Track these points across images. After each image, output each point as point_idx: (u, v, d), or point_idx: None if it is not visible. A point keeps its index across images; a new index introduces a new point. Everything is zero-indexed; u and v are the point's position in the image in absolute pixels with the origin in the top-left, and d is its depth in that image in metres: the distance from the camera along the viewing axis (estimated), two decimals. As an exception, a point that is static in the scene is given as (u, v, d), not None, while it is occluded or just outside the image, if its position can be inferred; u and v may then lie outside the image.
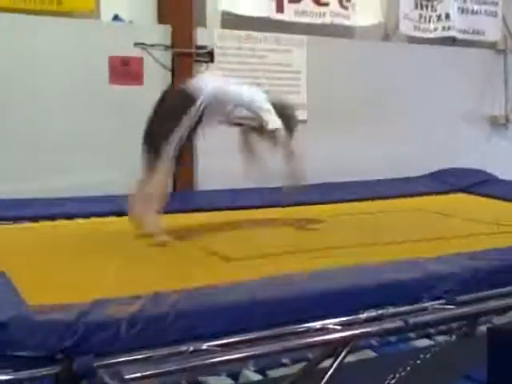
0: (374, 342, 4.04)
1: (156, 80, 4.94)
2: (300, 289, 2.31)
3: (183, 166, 4.99)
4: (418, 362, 2.41)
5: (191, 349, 1.96)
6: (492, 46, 6.53)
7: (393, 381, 2.42)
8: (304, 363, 3.59)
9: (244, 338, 2.05)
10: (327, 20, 5.62)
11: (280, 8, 5.40)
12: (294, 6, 5.46)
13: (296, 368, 3.54)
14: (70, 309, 2.06)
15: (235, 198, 4.59)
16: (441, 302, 2.39)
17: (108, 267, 2.85)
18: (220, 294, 2.28)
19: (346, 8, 5.70)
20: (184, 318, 2.09)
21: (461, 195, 5.41)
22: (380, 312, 2.27)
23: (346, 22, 5.71)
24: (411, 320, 2.19)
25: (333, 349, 2.30)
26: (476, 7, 6.39)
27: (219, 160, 5.05)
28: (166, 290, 2.26)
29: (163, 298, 2.19)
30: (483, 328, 3.91)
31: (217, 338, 2.03)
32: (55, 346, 1.88)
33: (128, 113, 4.80)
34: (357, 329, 2.17)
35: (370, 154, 5.64)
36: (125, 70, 4.82)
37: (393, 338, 4.11)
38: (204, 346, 1.97)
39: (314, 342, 2.11)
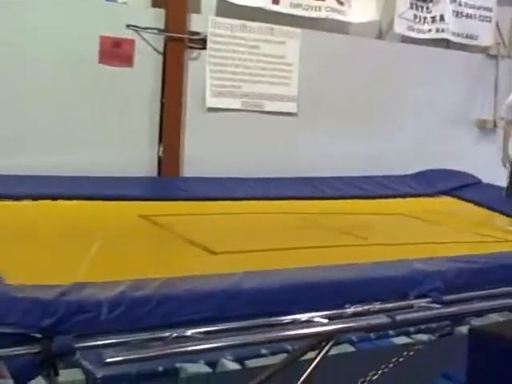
0: (353, 337, 4.04)
1: (147, 63, 4.88)
2: (287, 280, 2.27)
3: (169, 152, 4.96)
4: (401, 359, 2.39)
5: (174, 335, 1.92)
6: (484, 50, 6.54)
7: (374, 377, 2.40)
8: (282, 355, 3.57)
9: (228, 326, 2.01)
10: (322, 14, 5.58)
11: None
12: (290, -2, 5.42)
13: (274, 359, 3.53)
14: (51, 289, 2.00)
15: (223, 188, 4.52)
16: (427, 300, 2.37)
17: (89, 253, 2.78)
18: (204, 282, 2.23)
19: (342, 4, 5.66)
20: (167, 303, 2.03)
21: (446, 199, 5.39)
22: (366, 307, 2.24)
23: (342, 18, 5.67)
24: (398, 317, 2.17)
25: (316, 342, 2.28)
26: (470, 11, 6.39)
27: (207, 147, 5.01)
28: (148, 277, 2.21)
29: (146, 283, 2.14)
30: (461, 329, 3.94)
31: (201, 325, 1.99)
32: (34, 324, 1.82)
33: (117, 93, 4.75)
34: (343, 323, 2.13)
35: (357, 151, 5.63)
36: (116, 51, 4.74)
37: (372, 334, 4.11)
38: (188, 333, 1.92)
39: (300, 334, 2.08)
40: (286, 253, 2.92)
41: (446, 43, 6.32)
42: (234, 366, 3.53)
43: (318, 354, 2.19)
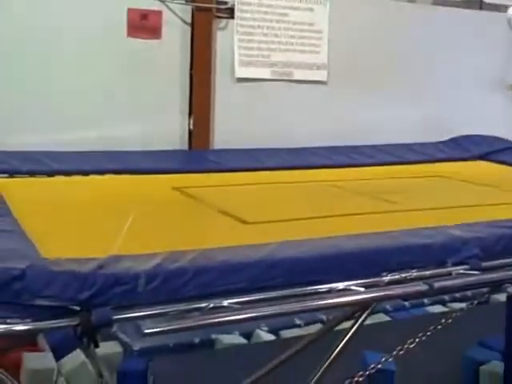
0: (388, 306, 4.02)
1: (175, 35, 4.85)
2: (322, 249, 2.24)
3: (199, 124, 4.94)
4: (439, 326, 2.36)
5: (211, 305, 1.92)
6: (519, 10, 6.35)
7: (412, 345, 2.38)
8: (316, 325, 3.57)
9: (265, 296, 2.01)
10: (351, -22, 5.48)
11: (303, -35, 5.26)
12: (318, -38, 5.32)
13: (308, 329, 3.53)
14: (87, 262, 2.01)
15: (254, 159, 4.50)
16: (465, 267, 2.33)
17: (124, 226, 2.78)
18: (239, 252, 2.22)
19: (370, -34, 5.55)
20: (202, 274, 2.03)
21: (480, 162, 5.31)
22: (403, 275, 2.21)
23: (371, -19, 5.56)
24: (436, 284, 2.14)
25: (351, 311, 2.26)
26: (504, -31, 6.20)
27: (237, 118, 4.98)
28: (183, 249, 2.20)
29: (181, 254, 2.13)
30: (497, 297, 3.88)
31: (237, 295, 1.99)
32: (72, 297, 1.83)
33: (146, 66, 4.74)
34: (380, 291, 2.11)
35: (389, 117, 5.56)
36: (144, 24, 4.72)
37: (407, 303, 4.08)
38: (225, 303, 1.92)
39: (336, 302, 2.06)
40: (319, 221, 2.89)
41: (479, 4, 6.15)
42: (269, 336, 3.55)
43: (355, 324, 2.18)
